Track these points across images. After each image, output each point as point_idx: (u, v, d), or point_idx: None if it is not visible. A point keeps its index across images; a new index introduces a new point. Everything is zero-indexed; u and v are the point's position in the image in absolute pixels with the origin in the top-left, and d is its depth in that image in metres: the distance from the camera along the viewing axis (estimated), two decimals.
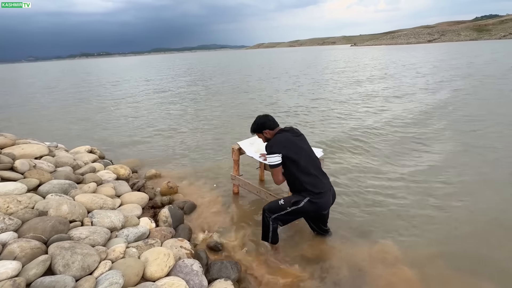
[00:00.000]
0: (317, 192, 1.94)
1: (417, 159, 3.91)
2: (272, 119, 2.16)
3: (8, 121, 7.75)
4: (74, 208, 1.96)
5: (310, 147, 2.15)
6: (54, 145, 3.54)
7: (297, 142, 2.05)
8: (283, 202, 2.02)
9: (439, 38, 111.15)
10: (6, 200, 1.83)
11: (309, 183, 1.96)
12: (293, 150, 1.99)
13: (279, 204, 2.02)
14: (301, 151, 2.01)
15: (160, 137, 5.63)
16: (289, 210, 1.99)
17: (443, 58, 23.05)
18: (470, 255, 2.13)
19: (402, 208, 2.76)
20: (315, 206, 1.97)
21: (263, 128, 2.15)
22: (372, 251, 2.20)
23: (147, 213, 2.68)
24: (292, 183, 2.07)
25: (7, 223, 1.62)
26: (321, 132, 5.38)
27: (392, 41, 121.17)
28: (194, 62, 41.65)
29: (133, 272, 1.58)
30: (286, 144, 2.00)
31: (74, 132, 6.29)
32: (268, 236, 2.15)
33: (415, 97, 8.30)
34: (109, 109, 8.86)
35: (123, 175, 3.23)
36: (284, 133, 2.09)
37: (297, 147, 2.02)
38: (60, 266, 1.42)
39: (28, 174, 2.31)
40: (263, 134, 2.17)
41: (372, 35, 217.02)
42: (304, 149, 2.04)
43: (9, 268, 1.30)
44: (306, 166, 1.98)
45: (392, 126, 5.49)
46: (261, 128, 2.15)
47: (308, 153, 2.07)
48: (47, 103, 10.56)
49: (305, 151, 2.04)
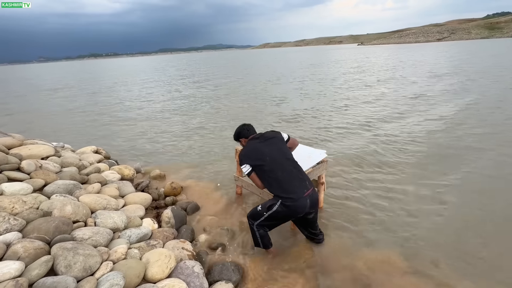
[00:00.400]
0: (287, 196, 1.92)
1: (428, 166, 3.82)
2: (247, 128, 2.26)
3: (29, 122, 7.92)
4: (78, 208, 1.99)
5: (281, 151, 2.09)
6: (61, 146, 3.60)
7: (262, 148, 2.06)
8: (260, 208, 2.05)
9: (448, 37, 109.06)
10: (12, 200, 1.86)
11: (278, 187, 1.96)
12: (257, 158, 2.03)
13: (257, 210, 2.05)
14: (265, 157, 2.01)
15: (165, 138, 5.66)
16: (266, 215, 2.00)
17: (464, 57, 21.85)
18: (480, 262, 2.07)
19: (408, 218, 2.70)
20: (289, 210, 1.94)
21: (239, 137, 2.29)
22: (376, 259, 2.15)
23: (150, 213, 2.69)
24: (267, 187, 2.07)
25: (12, 223, 1.65)
26: (342, 139, 5.32)
27: (400, 40, 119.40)
28: (200, 62, 41.85)
29: (134, 273, 1.58)
30: (250, 154, 2.07)
31: (81, 132, 6.39)
32: (258, 242, 2.15)
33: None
34: (117, 109, 8.97)
35: (127, 176, 3.26)
36: (251, 142, 2.17)
37: (261, 154, 2.03)
38: (62, 267, 1.44)
39: (34, 174, 2.35)
40: (240, 142, 2.31)
41: (379, 34, 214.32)
42: (269, 154, 2.02)
43: (13, 269, 1.32)
44: (273, 170, 1.98)
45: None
46: (237, 137, 2.30)
47: (274, 157, 2.02)
48: (62, 104, 10.76)
49: (270, 156, 2.02)
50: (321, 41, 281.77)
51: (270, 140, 2.13)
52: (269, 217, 2.01)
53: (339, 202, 2.94)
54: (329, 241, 2.36)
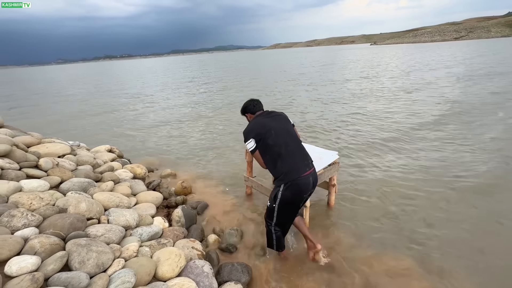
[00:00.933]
0: (290, 175, 1.84)
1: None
2: (254, 104, 2.16)
3: (56, 123, 8.23)
4: (92, 206, 2.03)
5: (286, 128, 2.03)
6: (77, 144, 3.70)
7: (266, 122, 1.99)
8: (269, 203, 1.98)
9: (466, 36, 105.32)
10: (30, 197, 1.93)
11: (282, 164, 1.87)
12: (261, 131, 1.93)
13: (268, 206, 2.00)
14: (270, 130, 1.93)
15: (176, 138, 5.74)
16: (276, 207, 1.92)
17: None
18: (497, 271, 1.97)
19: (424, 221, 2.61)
20: (294, 190, 1.85)
21: (245, 112, 2.21)
22: (389, 263, 2.10)
23: (161, 212, 2.72)
24: (269, 168, 1.97)
25: (29, 219, 1.71)
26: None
27: (415, 39, 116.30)
28: (211, 63, 42.24)
29: (145, 271, 1.60)
30: (255, 127, 2.00)
31: (96, 131, 6.57)
32: (272, 244, 2.10)
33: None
34: (132, 109, 9.17)
35: (139, 174, 3.32)
36: (256, 118, 2.10)
37: (266, 127, 1.95)
38: (76, 263, 1.47)
39: (51, 172, 2.42)
40: (246, 117, 2.23)
41: (393, 33, 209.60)
42: (274, 128, 1.94)
43: (30, 263, 1.36)
44: (276, 145, 1.90)
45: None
46: (243, 111, 2.22)
47: (279, 132, 1.95)
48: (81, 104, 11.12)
49: (275, 130, 1.94)
50: (332, 41, 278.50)
51: (276, 116, 2.09)
52: (280, 208, 1.91)
53: (350, 204, 2.89)
54: (340, 243, 2.32)
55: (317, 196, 3.03)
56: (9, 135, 2.71)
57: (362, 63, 21.65)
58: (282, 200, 1.89)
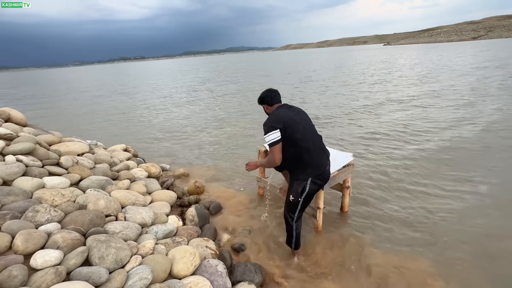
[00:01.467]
0: (318, 168, 1.95)
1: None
2: (272, 96, 2.09)
3: (67, 121, 8.53)
4: (110, 203, 2.09)
5: (310, 123, 2.06)
6: (94, 143, 3.82)
7: (292, 116, 1.97)
8: (293, 197, 1.99)
9: (485, 35, 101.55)
10: (52, 193, 2.00)
11: (308, 159, 1.92)
12: (289, 123, 1.90)
13: (291, 200, 2.01)
14: (298, 125, 1.93)
15: (189, 138, 5.82)
16: (301, 200, 1.98)
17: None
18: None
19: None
20: (319, 183, 2.00)
21: (262, 102, 2.14)
22: (406, 265, 2.05)
23: (175, 211, 2.77)
24: (291, 161, 1.96)
25: (52, 215, 1.77)
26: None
27: (430, 39, 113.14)
28: (225, 65, 42.60)
29: (161, 268, 1.63)
30: (282, 119, 1.92)
31: (112, 131, 6.75)
32: (291, 242, 2.14)
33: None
34: (146, 110, 9.37)
35: (154, 173, 3.39)
36: (279, 110, 2.04)
37: (293, 120, 1.94)
38: (96, 258, 1.52)
39: (71, 169, 2.51)
40: (263, 108, 2.17)
41: (407, 33, 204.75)
42: (301, 123, 1.96)
43: (53, 257, 1.42)
44: (304, 140, 1.91)
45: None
46: (260, 101, 2.15)
47: (306, 127, 1.98)
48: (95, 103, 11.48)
49: (302, 125, 1.95)
50: (344, 42, 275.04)
51: (299, 111, 2.08)
52: (304, 201, 2.00)
53: (366, 206, 2.84)
54: (355, 244, 2.28)
55: (331, 198, 3.00)
56: (32, 134, 2.83)
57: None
58: (308, 193, 1.97)
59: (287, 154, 1.93)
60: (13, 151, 2.29)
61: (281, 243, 2.34)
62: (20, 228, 1.58)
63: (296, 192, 1.97)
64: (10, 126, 2.74)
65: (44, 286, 1.27)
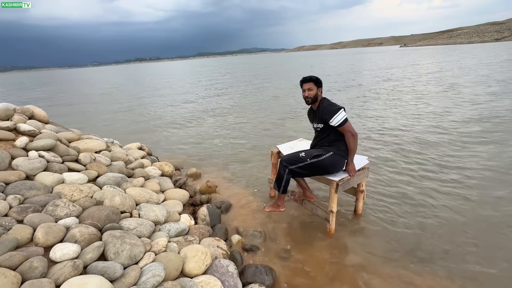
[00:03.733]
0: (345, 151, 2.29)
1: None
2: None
3: (87, 119, 8.84)
4: (125, 200, 2.14)
5: None
6: (111, 141, 3.93)
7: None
8: (304, 155, 2.25)
9: (509, 36, 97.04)
10: (71, 188, 2.07)
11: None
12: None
13: (300, 156, 2.25)
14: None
15: (203, 138, 5.88)
16: (308, 162, 2.22)
17: None
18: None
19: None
20: (336, 161, 2.25)
21: (321, 85, 2.32)
22: (428, 281, 1.97)
23: (187, 210, 2.80)
24: (339, 140, 2.27)
25: (71, 209, 1.83)
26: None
27: (450, 40, 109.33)
28: (240, 65, 42.82)
29: (173, 266, 1.65)
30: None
31: (129, 129, 6.93)
32: (280, 185, 2.32)
33: None
34: (161, 110, 9.57)
35: (167, 172, 3.44)
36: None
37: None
38: (111, 253, 1.55)
39: (89, 166, 2.59)
40: (317, 90, 2.30)
41: (425, 35, 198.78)
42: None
43: (71, 250, 1.46)
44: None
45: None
46: (320, 83, 2.31)
47: None
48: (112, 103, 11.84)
49: None
50: (359, 43, 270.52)
51: None
52: (310, 165, 2.22)
53: (380, 212, 2.76)
54: (369, 253, 2.22)
55: (344, 202, 2.94)
56: (54, 131, 2.94)
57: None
58: (320, 162, 2.23)
59: (338, 135, 2.26)
60: (35, 147, 2.39)
61: (293, 246, 2.31)
62: (41, 222, 1.64)
63: (310, 154, 2.24)
64: (33, 123, 2.86)
65: (62, 279, 1.31)
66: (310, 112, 2.49)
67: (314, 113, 2.38)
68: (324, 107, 2.25)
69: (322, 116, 2.25)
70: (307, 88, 2.28)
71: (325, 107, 2.25)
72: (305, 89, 2.29)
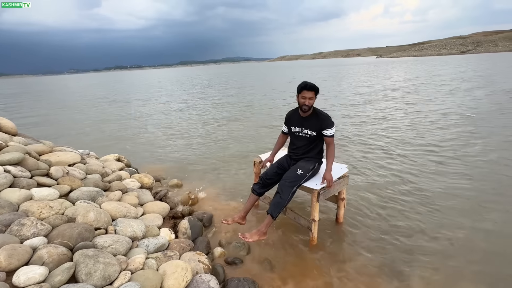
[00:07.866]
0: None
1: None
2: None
3: (63, 129, 8.39)
4: (100, 216, 2.03)
5: None
6: (86, 153, 3.76)
7: None
8: (302, 172, 2.27)
9: (473, 49, 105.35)
10: (40, 205, 1.94)
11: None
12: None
13: (299, 174, 2.26)
14: None
15: (184, 149, 5.77)
16: (308, 176, 2.30)
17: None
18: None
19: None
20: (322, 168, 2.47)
21: (318, 92, 2.24)
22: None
23: (168, 223, 2.70)
24: (322, 148, 2.44)
25: (39, 228, 1.71)
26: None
27: (421, 52, 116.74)
28: (224, 75, 42.87)
29: (151, 284, 1.57)
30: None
31: (106, 139, 6.67)
32: (280, 210, 2.21)
33: None
34: (139, 118, 9.32)
35: (146, 184, 3.33)
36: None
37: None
38: (83, 275, 1.46)
39: (61, 180, 2.45)
40: (314, 97, 2.23)
41: (399, 47, 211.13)
42: None
43: (37, 273, 1.36)
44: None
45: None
46: (317, 90, 2.23)
47: None
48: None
49: None
50: (338, 54, 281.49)
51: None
52: (308, 178, 2.33)
53: (361, 218, 2.82)
54: (351, 261, 2.25)
55: (325, 210, 2.97)
56: (22, 143, 2.77)
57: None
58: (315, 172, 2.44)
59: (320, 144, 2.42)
60: (1, 161, 2.23)
61: (276, 257, 2.29)
62: (4, 243, 1.51)
63: (307, 169, 2.30)
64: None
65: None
66: (296, 118, 2.38)
67: (303, 119, 2.33)
68: (325, 117, 2.27)
69: (321, 125, 2.26)
70: (309, 96, 2.18)
71: (325, 117, 2.28)
72: (306, 96, 2.18)
